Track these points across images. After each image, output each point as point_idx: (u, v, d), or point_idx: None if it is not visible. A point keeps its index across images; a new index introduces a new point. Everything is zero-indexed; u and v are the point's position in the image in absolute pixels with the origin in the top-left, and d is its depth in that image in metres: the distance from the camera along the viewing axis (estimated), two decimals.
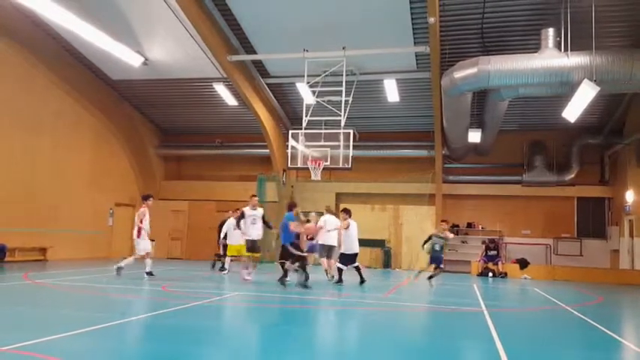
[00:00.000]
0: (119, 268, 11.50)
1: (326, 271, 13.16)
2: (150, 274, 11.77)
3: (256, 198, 12.80)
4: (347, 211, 12.88)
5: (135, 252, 11.93)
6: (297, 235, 11.57)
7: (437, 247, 12.58)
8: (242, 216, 12.10)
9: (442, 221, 14.04)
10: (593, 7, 11.57)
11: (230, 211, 14.28)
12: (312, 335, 6.85)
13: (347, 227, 12.59)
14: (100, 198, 19.35)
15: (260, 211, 12.37)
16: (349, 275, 13.17)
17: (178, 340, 5.79)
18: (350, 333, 7.22)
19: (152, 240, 12.61)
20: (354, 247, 12.68)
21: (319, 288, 11.45)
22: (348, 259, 12.56)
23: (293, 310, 8.90)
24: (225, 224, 13.95)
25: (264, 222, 12.46)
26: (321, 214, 13.36)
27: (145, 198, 12.30)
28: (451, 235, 13.26)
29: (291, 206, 11.79)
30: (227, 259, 14.09)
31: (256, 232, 12.19)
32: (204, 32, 14.54)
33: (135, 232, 11.82)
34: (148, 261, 11.84)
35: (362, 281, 12.38)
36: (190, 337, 5.94)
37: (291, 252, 11.27)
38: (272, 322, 7.73)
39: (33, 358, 4.64)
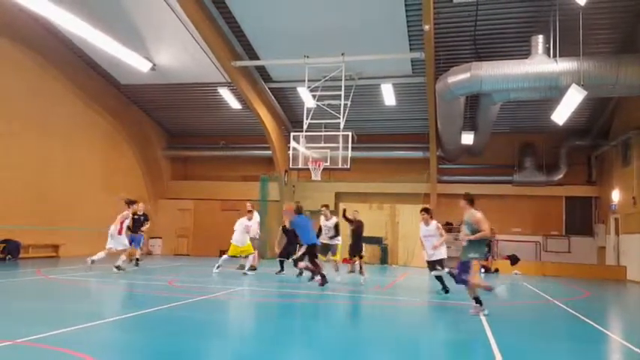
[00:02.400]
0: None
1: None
2: (120, 268, 11.91)
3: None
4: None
5: (106, 247, 11.99)
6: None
7: None
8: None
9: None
10: (581, 15, 11.57)
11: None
12: (314, 328, 6.84)
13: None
14: (110, 197, 19.32)
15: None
16: (346, 270, 13.19)
17: (186, 331, 5.80)
18: (348, 325, 7.21)
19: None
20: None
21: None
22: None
23: (293, 305, 8.90)
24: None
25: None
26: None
27: (131, 203, 12.62)
28: None
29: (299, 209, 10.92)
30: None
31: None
32: (210, 39, 14.55)
33: (117, 229, 11.99)
34: (123, 256, 12.15)
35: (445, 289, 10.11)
36: (196, 329, 5.94)
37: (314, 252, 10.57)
38: (273, 316, 7.73)
39: (46, 350, 4.64)
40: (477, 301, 7.54)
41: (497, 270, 17.77)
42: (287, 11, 13.95)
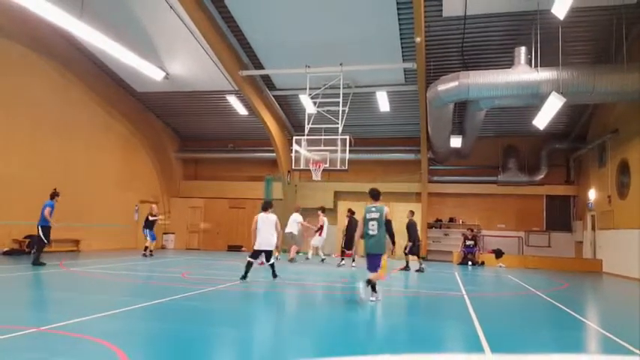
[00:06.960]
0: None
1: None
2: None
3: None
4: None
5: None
6: None
7: None
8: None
9: None
10: (560, 28, 11.59)
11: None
12: (317, 318, 6.84)
13: None
14: (127, 196, 19.37)
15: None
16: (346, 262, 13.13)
17: (196, 320, 5.80)
18: (346, 314, 7.21)
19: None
20: None
21: (321, 275, 11.42)
22: None
23: (293, 295, 8.89)
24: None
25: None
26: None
27: (322, 210, 15.75)
28: None
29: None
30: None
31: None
32: (219, 50, 14.55)
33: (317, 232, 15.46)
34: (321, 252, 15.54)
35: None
36: (209, 317, 5.94)
37: None
38: (272, 306, 7.73)
39: (68, 337, 4.65)
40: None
41: (483, 263, 17.79)
42: (290, 25, 13.96)
